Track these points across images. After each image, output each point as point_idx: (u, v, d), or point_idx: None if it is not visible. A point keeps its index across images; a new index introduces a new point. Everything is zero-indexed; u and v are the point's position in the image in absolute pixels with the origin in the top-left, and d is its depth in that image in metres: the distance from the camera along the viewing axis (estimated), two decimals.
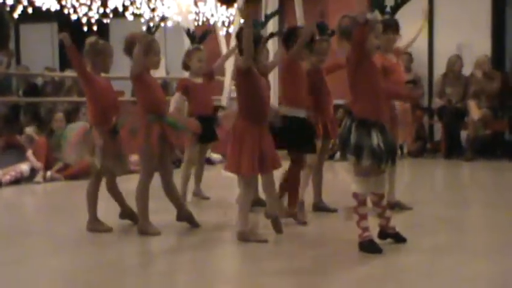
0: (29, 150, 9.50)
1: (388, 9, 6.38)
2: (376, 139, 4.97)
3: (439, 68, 12.28)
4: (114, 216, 6.19)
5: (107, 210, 6.23)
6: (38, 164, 9.32)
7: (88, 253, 5.43)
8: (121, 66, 6.95)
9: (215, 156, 10.73)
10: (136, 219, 6.02)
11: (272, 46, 8.45)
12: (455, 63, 11.65)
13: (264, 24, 6.33)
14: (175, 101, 7.00)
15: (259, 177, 5.66)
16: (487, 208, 5.70)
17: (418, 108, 11.53)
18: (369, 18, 4.91)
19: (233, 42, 12.05)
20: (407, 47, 6.98)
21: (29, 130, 10.08)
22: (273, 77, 9.15)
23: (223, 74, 11.62)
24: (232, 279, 4.86)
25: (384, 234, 5.34)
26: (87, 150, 5.97)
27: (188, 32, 7.62)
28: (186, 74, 7.63)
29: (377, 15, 5.31)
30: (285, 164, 5.83)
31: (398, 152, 5.63)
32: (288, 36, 6.11)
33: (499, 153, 11.44)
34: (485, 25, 12.14)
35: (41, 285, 4.59)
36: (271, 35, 7.00)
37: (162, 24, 6.13)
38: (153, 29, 5.97)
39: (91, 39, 6.11)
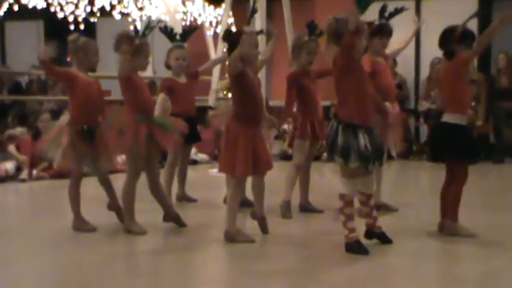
0: (10, 145, 9.48)
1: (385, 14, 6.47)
2: (363, 141, 4.99)
3: (426, 72, 12.33)
4: (102, 215, 6.18)
5: (94, 209, 6.21)
6: (22, 157, 9.31)
7: (72, 252, 5.43)
8: (108, 65, 6.93)
9: (201, 156, 10.70)
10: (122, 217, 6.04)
11: (260, 43, 8.47)
12: (436, 65, 11.69)
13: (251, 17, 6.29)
14: (160, 103, 6.88)
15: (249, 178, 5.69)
16: (471, 211, 5.71)
17: (403, 111, 11.59)
18: (359, 24, 4.92)
19: (220, 42, 12.17)
20: (397, 53, 7.02)
21: (18, 131, 10.07)
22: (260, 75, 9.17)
23: (209, 74, 11.63)
24: (219, 279, 4.87)
25: (370, 234, 5.38)
26: (57, 147, 5.96)
27: (164, 30, 7.23)
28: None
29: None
30: (277, 166, 5.78)
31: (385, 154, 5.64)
32: (445, 38, 5.79)
33: (484, 156, 11.48)
34: (471, 29, 12.17)
35: (25, 284, 4.57)
36: (259, 32, 7.01)
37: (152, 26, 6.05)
38: (146, 32, 5.94)
39: (72, 36, 6.07)
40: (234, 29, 11.47)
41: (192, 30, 7.66)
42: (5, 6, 10.91)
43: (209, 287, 4.65)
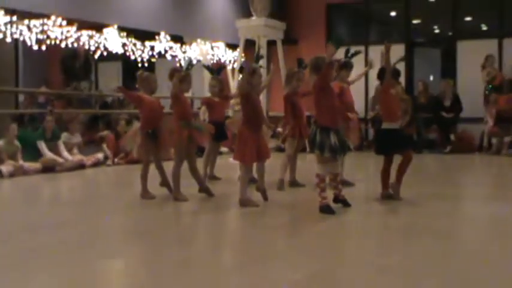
0: (103, 143, 9.50)
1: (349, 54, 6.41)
2: (333, 139, 4.94)
3: (372, 93, 12.22)
4: (159, 189, 6.07)
5: (154, 185, 6.12)
6: (109, 152, 9.29)
7: (139, 212, 5.34)
8: (163, 89, 6.88)
9: (223, 149, 10.58)
10: (171, 190, 5.93)
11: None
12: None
13: (257, 61, 6.24)
14: (202, 113, 6.98)
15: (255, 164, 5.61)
16: (403, 184, 5.66)
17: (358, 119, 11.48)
18: (332, 60, 4.90)
19: (236, 73, 12.12)
20: (355, 81, 6.96)
21: (105, 133, 10.09)
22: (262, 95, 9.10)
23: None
24: (235, 230, 4.80)
25: (336, 200, 5.28)
26: (133, 143, 5.96)
27: (206, 67, 7.40)
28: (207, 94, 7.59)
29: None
30: (274, 156, 5.71)
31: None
32: (380, 73, 5.67)
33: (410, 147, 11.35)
34: (402, 63, 12.11)
35: (107, 231, 4.50)
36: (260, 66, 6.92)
37: (192, 64, 6.12)
38: (189, 67, 5.95)
39: (139, 72, 6.06)
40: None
41: (223, 67, 7.80)
42: (98, 52, 10.88)
43: (229, 234, 4.60)
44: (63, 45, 10.14)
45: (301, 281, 3.15)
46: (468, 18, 12.96)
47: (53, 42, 9.89)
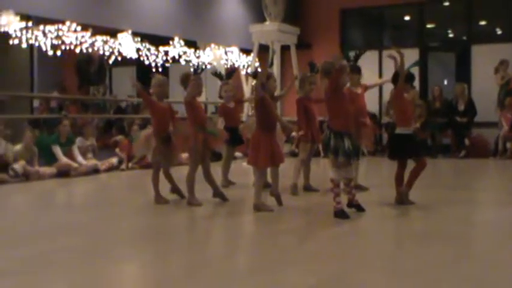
0: (116, 148, 9.56)
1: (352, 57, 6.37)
2: (347, 143, 4.95)
3: (387, 97, 12.17)
4: (171, 195, 6.10)
5: (167, 190, 6.15)
6: (123, 156, 9.35)
7: (153, 217, 5.38)
8: (177, 94, 6.91)
9: (237, 154, 10.58)
10: (182, 195, 5.98)
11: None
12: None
13: (271, 65, 6.25)
14: (220, 122, 6.93)
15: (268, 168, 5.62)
16: (415, 188, 5.65)
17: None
18: (343, 64, 4.92)
19: (249, 78, 12.15)
20: (373, 86, 6.92)
21: (120, 137, 10.16)
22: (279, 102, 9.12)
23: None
24: (249, 235, 4.81)
25: (350, 204, 5.27)
26: (147, 149, 5.97)
27: (215, 74, 7.35)
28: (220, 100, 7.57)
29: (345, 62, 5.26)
30: (288, 161, 5.71)
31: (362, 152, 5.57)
32: (395, 78, 5.69)
33: (424, 154, 11.31)
34: (416, 67, 12.07)
35: (123, 233, 4.54)
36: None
37: (205, 67, 6.09)
38: (199, 71, 5.92)
39: (154, 77, 6.06)
40: (259, 69, 11.47)
41: (234, 71, 7.86)
42: (113, 57, 10.98)
43: (243, 239, 4.60)
44: (77, 50, 10.25)
45: (315, 286, 3.15)
46: (483, 23, 12.91)
47: (67, 47, 10.00)
